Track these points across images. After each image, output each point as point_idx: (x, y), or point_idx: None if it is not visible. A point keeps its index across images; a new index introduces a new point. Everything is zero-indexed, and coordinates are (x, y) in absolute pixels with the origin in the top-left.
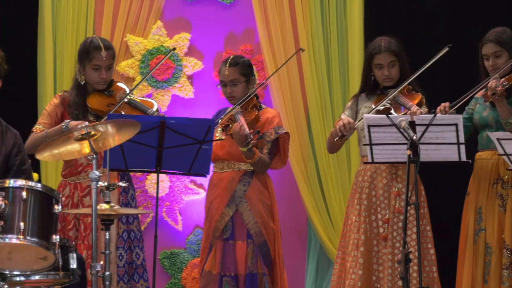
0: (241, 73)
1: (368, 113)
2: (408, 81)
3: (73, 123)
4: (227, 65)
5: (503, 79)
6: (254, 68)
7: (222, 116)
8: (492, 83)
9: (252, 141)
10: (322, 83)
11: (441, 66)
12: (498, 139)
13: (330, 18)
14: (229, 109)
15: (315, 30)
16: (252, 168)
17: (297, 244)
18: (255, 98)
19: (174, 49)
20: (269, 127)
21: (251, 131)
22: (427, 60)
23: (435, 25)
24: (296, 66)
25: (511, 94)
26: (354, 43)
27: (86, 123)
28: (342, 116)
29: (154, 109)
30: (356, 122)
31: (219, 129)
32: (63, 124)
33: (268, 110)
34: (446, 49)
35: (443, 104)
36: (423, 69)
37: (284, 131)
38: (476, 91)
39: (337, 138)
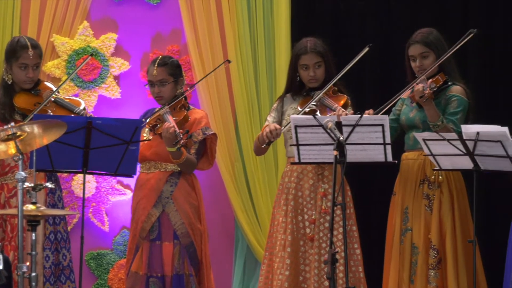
0: (170, 73)
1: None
2: (332, 83)
3: None
4: (156, 65)
5: (430, 80)
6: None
7: (149, 116)
8: (419, 86)
9: (182, 141)
10: (249, 84)
11: (368, 67)
12: (424, 140)
13: (257, 20)
14: (157, 109)
15: (242, 31)
16: (179, 168)
17: (224, 244)
18: (183, 98)
19: (92, 54)
20: (197, 127)
21: (181, 131)
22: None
23: (362, 26)
24: (224, 67)
25: (438, 95)
26: (281, 44)
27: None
28: (269, 119)
29: (82, 107)
30: (282, 128)
31: (147, 129)
32: None
33: (196, 111)
34: (366, 49)
35: (367, 111)
36: (345, 70)
37: (212, 132)
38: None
39: (264, 145)
